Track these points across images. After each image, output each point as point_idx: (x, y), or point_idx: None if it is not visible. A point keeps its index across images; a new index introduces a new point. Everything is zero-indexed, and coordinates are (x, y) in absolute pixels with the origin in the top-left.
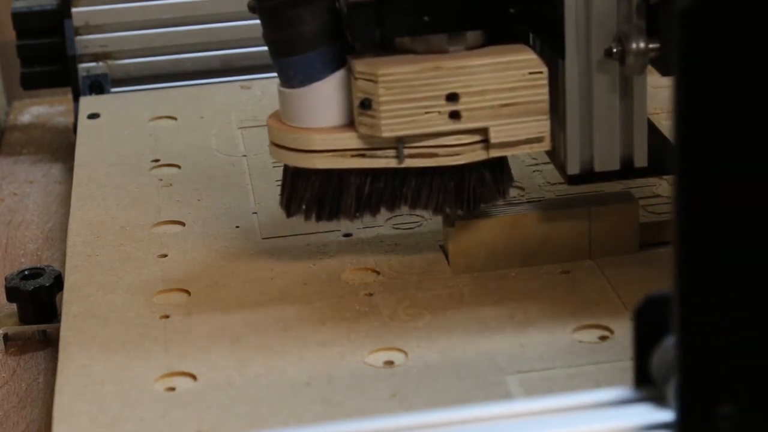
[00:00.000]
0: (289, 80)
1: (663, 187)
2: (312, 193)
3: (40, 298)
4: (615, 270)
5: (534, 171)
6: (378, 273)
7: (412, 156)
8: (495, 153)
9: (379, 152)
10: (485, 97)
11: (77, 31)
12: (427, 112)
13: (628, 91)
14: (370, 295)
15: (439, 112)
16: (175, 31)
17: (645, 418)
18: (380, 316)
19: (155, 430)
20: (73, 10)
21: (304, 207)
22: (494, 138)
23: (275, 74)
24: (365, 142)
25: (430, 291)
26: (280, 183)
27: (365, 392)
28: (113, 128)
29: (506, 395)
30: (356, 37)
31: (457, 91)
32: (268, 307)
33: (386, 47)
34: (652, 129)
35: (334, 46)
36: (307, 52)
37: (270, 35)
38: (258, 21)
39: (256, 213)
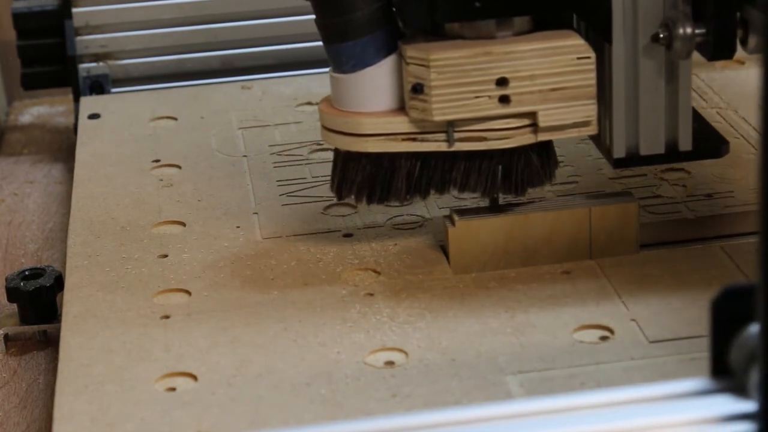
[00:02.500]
0: (340, 65)
1: (664, 187)
2: (363, 176)
3: (40, 299)
4: (615, 270)
5: None
6: (378, 273)
7: (461, 140)
8: (543, 137)
9: (430, 136)
10: (534, 81)
11: (77, 32)
12: (477, 97)
13: (673, 75)
14: (371, 295)
15: (489, 96)
16: (176, 31)
17: (725, 408)
18: (380, 316)
19: (155, 430)
20: (74, 10)
21: (355, 190)
22: (542, 122)
23: (276, 75)
24: (416, 126)
25: (431, 291)
26: (280, 183)
27: (365, 392)
28: (113, 128)
29: (506, 395)
30: (408, 23)
31: (507, 75)
32: (268, 308)
33: (436, 33)
34: (695, 114)
35: (386, 31)
36: (360, 38)
37: (323, 21)
38: (257, 21)
39: (256, 213)
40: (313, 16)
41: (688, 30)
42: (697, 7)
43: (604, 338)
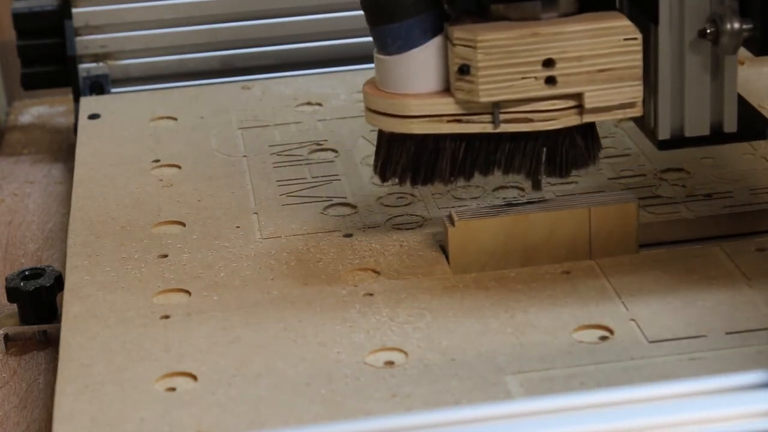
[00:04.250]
0: (386, 47)
1: (663, 187)
2: (407, 158)
3: (40, 299)
4: (615, 270)
5: None
6: (378, 273)
7: (507, 121)
8: (588, 118)
9: (475, 117)
10: (581, 62)
11: (77, 32)
12: (523, 78)
13: (720, 61)
14: (371, 295)
15: (536, 77)
16: (176, 31)
17: None
18: (380, 316)
19: (155, 430)
20: (74, 10)
21: (399, 172)
22: (588, 103)
23: (276, 75)
24: (461, 107)
25: (431, 291)
26: (281, 183)
27: (365, 392)
28: (113, 128)
29: (506, 395)
30: (454, 4)
31: (554, 56)
32: (268, 308)
33: (481, 14)
34: (738, 96)
35: (432, 13)
36: (406, 19)
37: (369, 3)
38: (258, 21)
39: (256, 213)
40: (314, 16)
41: (736, 25)
42: (744, 2)
43: (603, 338)
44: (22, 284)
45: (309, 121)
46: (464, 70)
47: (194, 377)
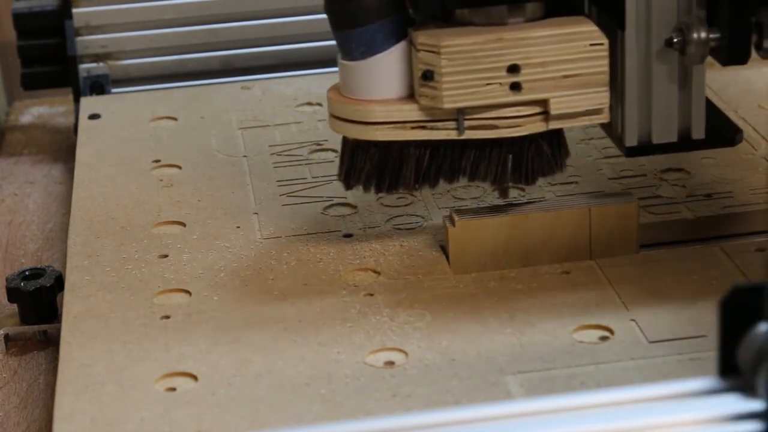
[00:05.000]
0: (350, 52)
1: (664, 188)
2: (372, 165)
3: (40, 299)
4: (615, 270)
5: None
6: (378, 273)
7: (472, 128)
8: (554, 125)
9: (440, 124)
10: (546, 68)
11: (78, 32)
12: (488, 84)
13: (687, 69)
14: (371, 295)
15: (500, 83)
16: (176, 31)
17: (733, 407)
18: (380, 316)
19: (155, 430)
20: (74, 10)
21: (363, 179)
22: (554, 110)
23: (276, 75)
24: (426, 113)
25: (431, 291)
26: (281, 183)
27: (365, 392)
28: (114, 129)
29: (506, 395)
30: (419, 9)
31: (519, 62)
32: (268, 308)
33: (446, 19)
34: (707, 102)
35: (396, 18)
36: (369, 24)
37: (332, 7)
38: (258, 21)
39: (256, 213)
40: (315, 16)
41: (703, 35)
42: (712, 12)
43: (603, 338)
44: (22, 284)
45: (309, 122)
46: (428, 76)
47: (194, 377)
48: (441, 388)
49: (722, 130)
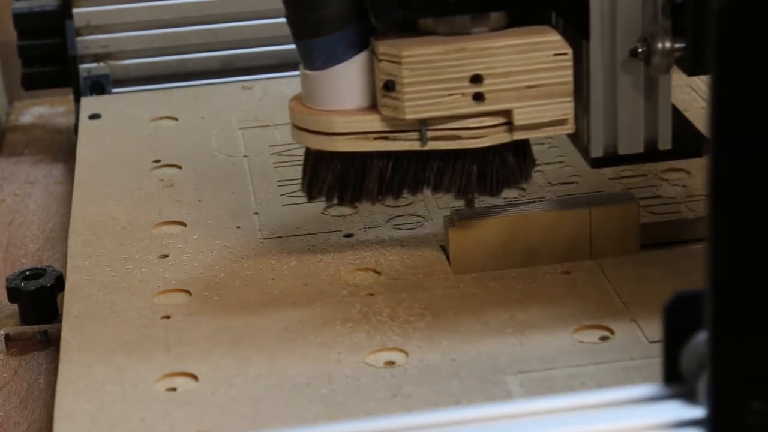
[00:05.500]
0: (311, 62)
1: (664, 188)
2: (334, 176)
3: (41, 299)
4: (615, 270)
5: (535, 171)
6: (379, 273)
7: (435, 138)
8: (518, 135)
9: (402, 135)
10: (509, 78)
11: (78, 32)
12: (450, 94)
13: (653, 79)
14: (371, 295)
15: (463, 93)
16: (176, 31)
17: (675, 414)
18: (381, 316)
19: (156, 430)
20: (74, 10)
21: (325, 190)
22: (518, 120)
23: (276, 75)
24: (388, 124)
25: (431, 291)
26: (281, 183)
27: (365, 392)
28: (114, 129)
29: (506, 395)
30: (380, 19)
31: (481, 72)
32: (268, 308)
33: (409, 28)
34: (675, 112)
35: (357, 27)
36: (331, 34)
37: (293, 17)
38: (259, 21)
39: (257, 213)
40: None
41: (667, 44)
42: (677, 22)
43: (604, 338)
44: (22, 284)
45: None
46: (389, 86)
47: (195, 377)
48: (441, 388)
49: (689, 141)
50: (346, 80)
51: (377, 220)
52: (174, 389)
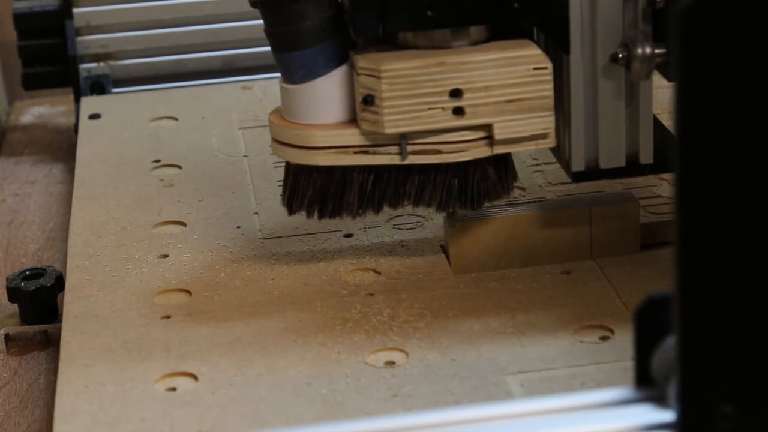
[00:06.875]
0: (290, 76)
1: (664, 187)
2: (314, 190)
3: (41, 299)
4: (616, 270)
5: (535, 171)
6: (379, 273)
7: (415, 153)
8: (499, 150)
9: (382, 149)
10: (489, 93)
11: (78, 32)
12: (430, 108)
13: (634, 87)
14: (371, 295)
15: (443, 108)
16: (177, 31)
17: (646, 418)
18: (381, 316)
19: (156, 430)
20: (74, 10)
21: (306, 204)
22: (498, 134)
23: (277, 75)
24: (368, 138)
25: (431, 291)
26: (281, 183)
27: (365, 392)
28: (114, 129)
29: (506, 395)
30: (359, 32)
31: (461, 86)
32: (268, 308)
33: (389, 42)
34: (658, 125)
35: (337, 41)
36: (309, 48)
37: (271, 29)
38: (259, 21)
39: (257, 213)
40: None
41: (648, 50)
42: (657, 27)
43: (604, 338)
44: (22, 284)
45: None
46: (368, 100)
47: (195, 377)
48: (441, 388)
49: (671, 153)
50: (326, 94)
51: (377, 220)
52: (174, 389)
